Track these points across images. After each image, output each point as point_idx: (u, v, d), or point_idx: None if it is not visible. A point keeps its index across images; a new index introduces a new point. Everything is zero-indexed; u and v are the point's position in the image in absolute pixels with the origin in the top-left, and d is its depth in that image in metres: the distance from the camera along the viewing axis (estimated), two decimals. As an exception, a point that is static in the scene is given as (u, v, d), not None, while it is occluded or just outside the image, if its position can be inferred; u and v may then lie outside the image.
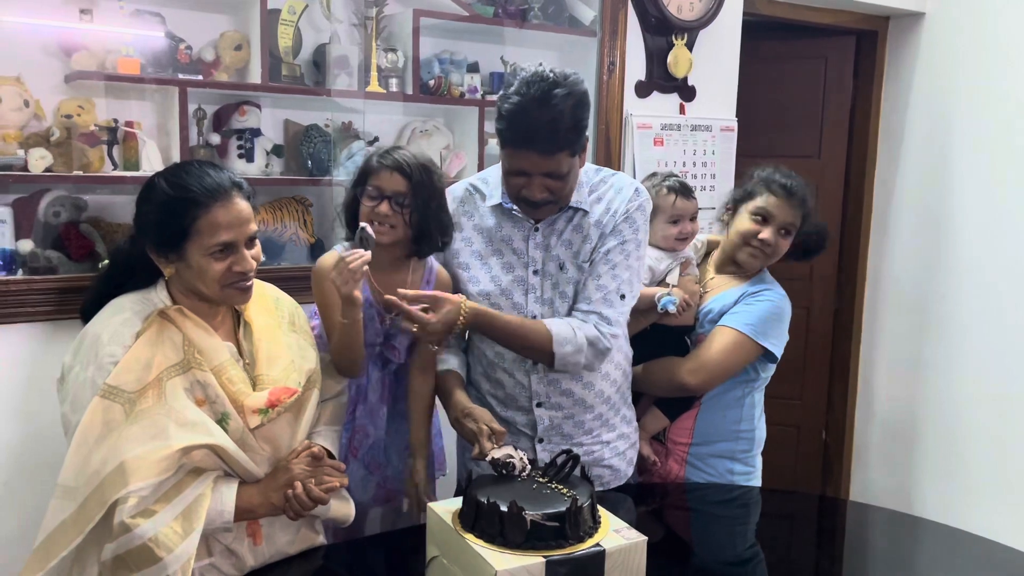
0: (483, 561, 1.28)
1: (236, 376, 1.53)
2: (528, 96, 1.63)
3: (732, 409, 2.14)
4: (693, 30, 2.94)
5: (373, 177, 1.80)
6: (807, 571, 1.76)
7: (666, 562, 1.68)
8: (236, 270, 1.52)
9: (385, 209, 1.78)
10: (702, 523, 2.03)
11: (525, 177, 1.72)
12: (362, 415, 1.92)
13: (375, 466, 1.95)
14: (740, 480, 2.16)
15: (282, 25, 2.31)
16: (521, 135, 1.67)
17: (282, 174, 2.42)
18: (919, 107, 3.53)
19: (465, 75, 2.64)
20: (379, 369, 1.93)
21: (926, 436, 3.53)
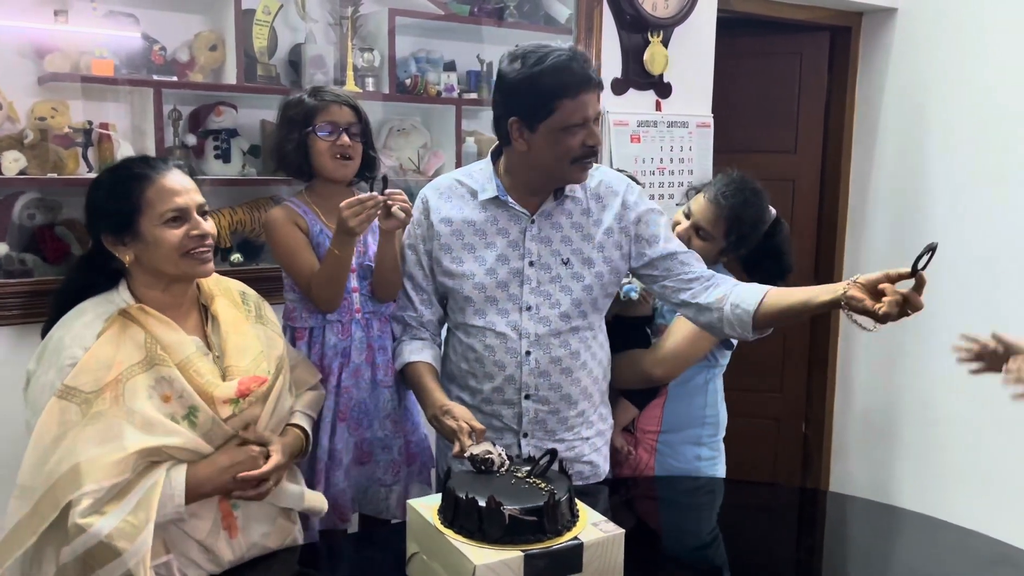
0: (462, 556, 1.29)
1: (204, 368, 1.54)
2: (559, 50, 1.71)
3: (697, 396, 2.18)
4: (668, 27, 2.97)
5: (322, 114, 1.89)
6: (788, 563, 1.78)
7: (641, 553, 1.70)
8: (194, 234, 1.54)
9: (347, 140, 1.90)
10: (673, 514, 2.05)
11: (585, 128, 1.74)
12: (347, 377, 1.95)
13: (354, 426, 1.97)
14: (706, 466, 2.19)
15: (257, 25, 2.31)
16: (580, 78, 1.70)
17: (259, 174, 2.41)
18: (893, 102, 3.58)
19: (442, 74, 2.65)
20: (362, 329, 1.96)
21: (903, 427, 3.57)
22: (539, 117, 1.72)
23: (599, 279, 1.89)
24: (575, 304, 1.87)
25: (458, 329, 1.92)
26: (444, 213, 1.89)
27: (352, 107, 1.93)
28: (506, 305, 1.85)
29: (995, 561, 1.64)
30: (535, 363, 1.86)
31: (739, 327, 1.78)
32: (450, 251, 1.87)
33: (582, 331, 1.89)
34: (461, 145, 2.65)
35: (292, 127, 1.91)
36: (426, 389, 1.82)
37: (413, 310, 1.94)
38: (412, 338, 1.94)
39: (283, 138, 1.92)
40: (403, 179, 2.57)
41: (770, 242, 2.14)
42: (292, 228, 1.92)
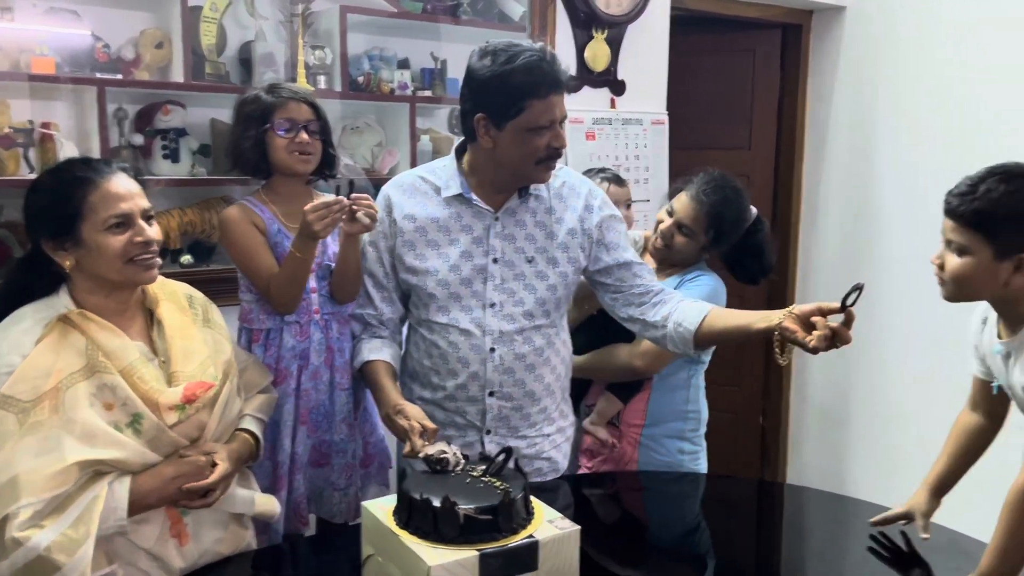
0: (416, 557, 1.28)
1: (148, 374, 1.50)
2: (531, 49, 1.71)
3: (680, 390, 2.20)
4: (621, 24, 2.98)
5: (280, 111, 1.86)
6: (747, 555, 1.80)
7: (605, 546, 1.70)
8: (137, 240, 1.50)
9: (305, 137, 1.87)
10: (653, 507, 2.07)
11: (551, 130, 1.75)
12: (306, 380, 1.93)
13: (313, 429, 1.95)
14: (688, 460, 2.21)
15: (204, 22, 2.27)
16: (550, 79, 1.71)
17: (210, 174, 2.37)
18: (843, 98, 3.64)
19: (395, 71, 2.63)
20: (321, 331, 1.93)
21: (857, 419, 3.64)
22: (507, 116, 1.72)
23: (563, 279, 1.89)
24: (539, 303, 1.87)
25: (421, 326, 1.90)
26: (407, 210, 1.87)
27: (310, 104, 1.90)
28: (470, 302, 1.84)
29: (943, 548, 1.68)
30: (500, 360, 1.85)
31: (681, 345, 1.84)
32: (413, 248, 1.86)
33: (545, 328, 1.89)
34: (416, 143, 2.63)
35: (249, 124, 1.87)
36: (382, 388, 1.80)
37: (373, 308, 1.92)
38: (371, 336, 1.92)
39: (240, 136, 1.88)
40: (363, 179, 2.55)
41: (751, 240, 2.17)
42: (249, 227, 1.88)
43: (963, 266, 1.50)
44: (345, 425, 1.98)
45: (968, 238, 1.49)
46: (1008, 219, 1.45)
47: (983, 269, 1.48)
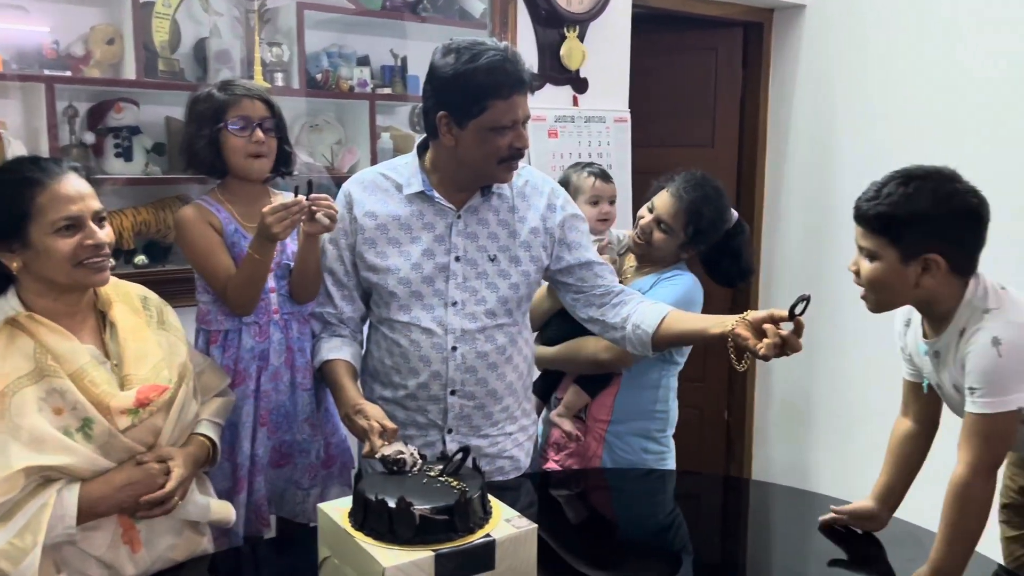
0: (371, 559, 1.26)
1: (100, 378, 1.47)
2: (495, 48, 1.70)
3: (649, 390, 2.20)
4: (583, 22, 2.98)
5: (233, 109, 1.83)
6: (713, 549, 1.81)
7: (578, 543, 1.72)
8: (87, 244, 1.46)
9: (260, 136, 1.83)
10: (619, 504, 2.08)
11: (514, 130, 1.74)
12: (266, 381, 1.90)
13: (273, 429, 1.92)
14: (653, 460, 2.21)
15: (157, 18, 2.23)
16: (514, 79, 1.70)
17: (164, 173, 2.33)
18: (804, 96, 3.67)
19: (355, 69, 2.60)
20: (280, 331, 1.91)
21: (820, 415, 3.68)
22: (470, 115, 1.71)
23: (525, 277, 1.88)
24: (501, 301, 1.86)
25: (382, 324, 1.89)
26: (368, 207, 1.85)
27: (264, 101, 1.87)
28: (431, 300, 1.83)
29: (901, 539, 1.70)
30: (461, 359, 1.84)
31: (639, 346, 1.86)
32: (374, 245, 1.84)
33: (508, 327, 1.88)
34: (376, 141, 2.61)
35: (202, 123, 1.83)
36: (341, 387, 1.78)
37: (333, 306, 1.90)
38: (331, 335, 1.90)
39: (193, 135, 1.85)
40: (323, 177, 2.53)
41: (730, 243, 2.18)
42: (205, 228, 1.85)
43: (874, 271, 1.52)
44: (308, 425, 1.96)
45: (875, 243, 1.51)
46: (909, 221, 1.47)
47: (893, 273, 1.50)
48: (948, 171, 1.52)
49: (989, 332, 1.45)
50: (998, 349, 1.43)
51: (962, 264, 1.50)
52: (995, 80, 3.01)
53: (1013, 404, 1.43)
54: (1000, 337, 1.44)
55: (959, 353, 1.51)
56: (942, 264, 1.47)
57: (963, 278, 1.51)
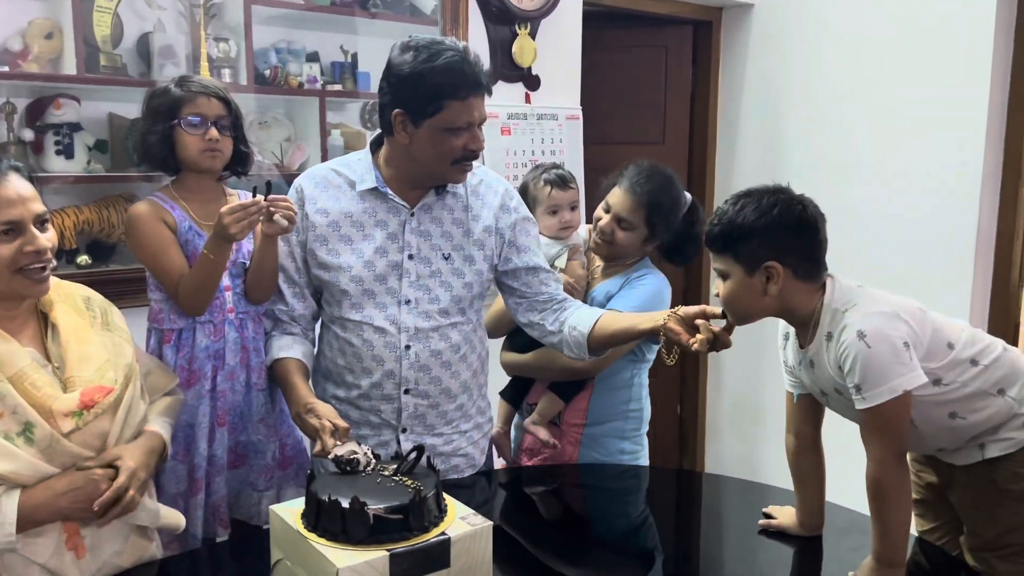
0: (325, 560, 1.25)
1: (41, 380, 1.42)
2: (453, 49, 1.70)
3: (622, 390, 2.19)
4: (534, 19, 2.98)
5: (188, 106, 1.79)
6: (667, 541, 1.83)
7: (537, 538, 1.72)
8: (28, 250, 1.41)
9: (215, 134, 1.80)
10: (575, 499, 2.09)
11: (469, 131, 1.73)
12: (222, 380, 1.87)
13: (231, 429, 1.89)
14: (628, 459, 2.22)
15: (98, 12, 2.17)
16: (471, 81, 1.70)
17: (108, 171, 2.27)
18: (753, 93, 3.73)
19: (304, 65, 2.57)
20: (236, 330, 1.88)
21: (769, 409, 3.74)
22: (425, 114, 1.70)
23: (479, 276, 1.88)
24: (455, 300, 1.85)
25: (334, 323, 1.87)
26: (320, 203, 1.83)
27: (221, 98, 1.83)
28: (384, 299, 1.81)
29: (847, 528, 1.74)
30: (415, 357, 1.83)
31: (576, 349, 1.88)
32: (326, 243, 1.82)
33: (461, 325, 1.88)
34: (326, 138, 2.58)
35: (157, 119, 1.80)
36: (292, 386, 1.76)
37: (284, 304, 1.87)
38: (282, 333, 1.88)
39: (147, 130, 1.81)
40: (272, 174, 2.49)
41: (689, 227, 2.16)
42: (158, 225, 1.81)
43: (727, 288, 1.58)
44: (263, 425, 1.93)
45: (722, 262, 1.58)
46: (740, 236, 1.54)
47: (742, 287, 1.56)
48: (776, 186, 1.59)
49: (852, 328, 1.50)
50: (864, 341, 1.48)
51: (805, 269, 1.57)
52: (937, 77, 3.10)
53: (898, 389, 1.48)
54: (863, 330, 1.49)
55: (831, 356, 1.56)
56: (781, 271, 1.54)
57: (813, 283, 1.58)
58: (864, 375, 1.49)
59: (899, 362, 1.48)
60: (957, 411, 1.62)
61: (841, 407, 1.65)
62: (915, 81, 3.15)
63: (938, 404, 1.61)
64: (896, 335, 1.49)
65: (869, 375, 1.48)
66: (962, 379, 1.61)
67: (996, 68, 2.98)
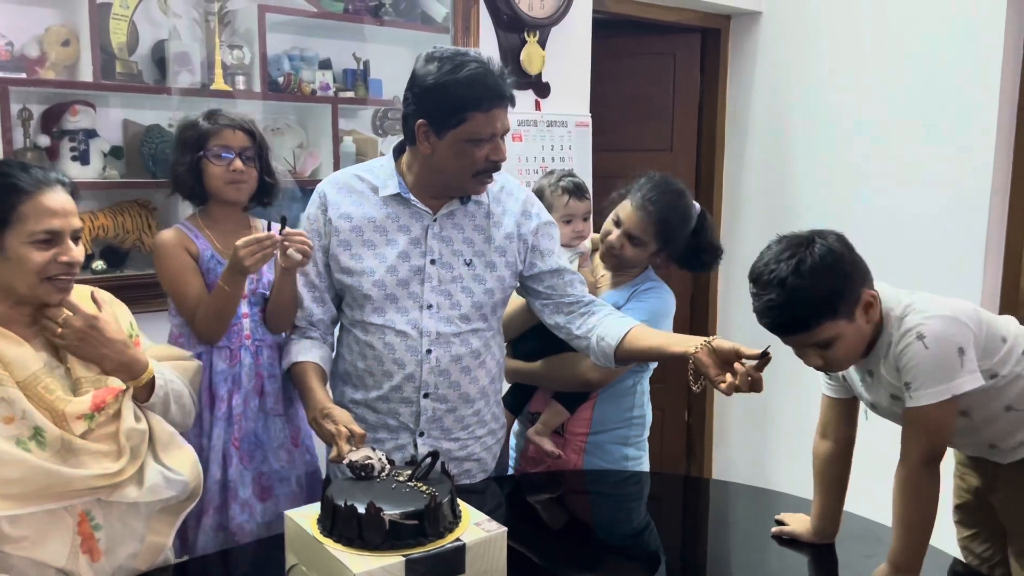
0: (341, 565, 1.26)
1: (54, 384, 1.45)
2: (477, 60, 1.71)
3: (626, 397, 2.20)
4: (545, 27, 2.99)
5: (215, 138, 1.87)
6: (675, 547, 1.84)
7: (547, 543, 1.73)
8: (62, 260, 1.45)
9: (240, 165, 1.87)
10: (584, 505, 2.10)
11: (491, 143, 1.74)
12: (238, 404, 1.90)
13: (247, 458, 1.91)
14: (632, 465, 2.22)
15: (114, 20, 2.19)
16: (494, 92, 1.71)
17: (122, 177, 2.29)
18: (761, 100, 3.74)
19: (316, 72, 2.58)
20: (251, 356, 1.91)
21: (778, 416, 3.73)
22: (448, 125, 1.71)
23: (500, 283, 1.89)
24: (476, 306, 1.86)
25: (355, 327, 1.88)
26: (343, 209, 1.85)
27: (247, 131, 1.91)
28: (406, 303, 1.82)
29: (861, 536, 1.74)
30: (436, 361, 1.84)
31: (603, 359, 1.88)
32: (349, 248, 1.83)
33: (482, 332, 1.89)
34: (339, 145, 2.59)
35: (185, 150, 1.88)
36: (309, 390, 1.77)
37: (303, 308, 1.89)
38: (301, 337, 1.89)
39: (177, 161, 1.90)
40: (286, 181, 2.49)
41: (701, 237, 2.16)
42: (180, 252, 1.88)
43: (841, 348, 1.53)
44: (284, 451, 1.95)
45: (824, 330, 1.51)
46: (826, 301, 1.49)
47: (853, 334, 1.53)
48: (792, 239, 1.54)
49: (913, 331, 1.51)
50: (923, 342, 1.50)
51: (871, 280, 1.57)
52: (946, 83, 3.10)
53: (947, 393, 1.49)
54: (922, 331, 1.50)
55: (890, 363, 1.56)
56: (876, 292, 1.54)
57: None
58: (918, 374, 1.50)
59: (954, 365, 1.49)
60: (1013, 404, 1.64)
61: (894, 416, 1.64)
62: (923, 87, 3.16)
63: (994, 398, 1.62)
64: (954, 339, 1.51)
65: (923, 375, 1.49)
66: (1017, 370, 1.62)
67: (1005, 74, 2.97)
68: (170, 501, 1.56)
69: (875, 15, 3.30)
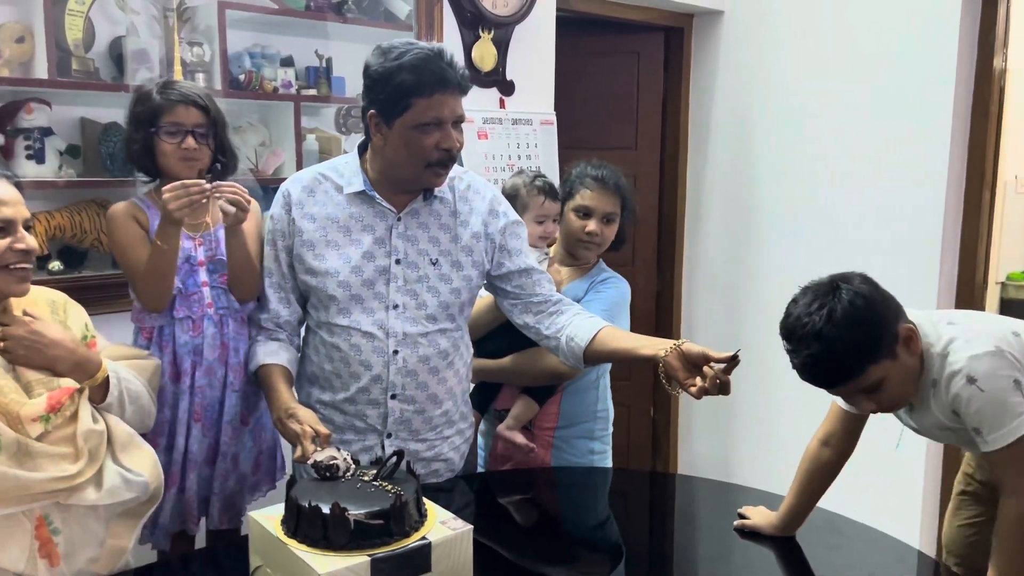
0: (306, 566, 1.25)
1: (8, 387, 1.42)
2: (423, 47, 1.70)
3: (590, 391, 2.23)
4: (508, 25, 3.00)
5: (167, 114, 1.82)
6: (642, 542, 1.85)
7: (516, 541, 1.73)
8: (17, 248, 1.45)
9: (192, 143, 1.82)
10: (553, 501, 2.12)
11: (440, 130, 1.72)
12: (200, 376, 1.87)
13: (208, 427, 1.89)
14: (598, 459, 2.25)
15: (70, 16, 2.15)
16: (438, 77, 1.69)
17: (79, 176, 2.25)
18: (723, 99, 3.77)
19: (279, 69, 2.56)
20: (215, 326, 1.88)
21: (742, 411, 3.78)
22: (395, 113, 1.71)
23: (467, 282, 1.88)
24: (443, 306, 1.85)
25: (320, 328, 1.86)
26: (307, 208, 1.83)
27: (201, 106, 1.85)
28: (372, 304, 1.81)
29: (822, 528, 1.76)
30: (403, 362, 1.83)
31: (572, 359, 1.87)
32: (313, 248, 1.81)
33: (450, 332, 1.88)
34: (301, 143, 2.57)
35: (139, 125, 1.84)
36: (275, 391, 1.76)
37: (268, 310, 1.87)
38: (268, 339, 1.87)
39: (129, 137, 1.86)
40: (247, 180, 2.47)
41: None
42: (128, 222, 1.84)
43: (891, 388, 1.53)
44: (231, 428, 1.92)
45: (870, 375, 1.50)
46: (866, 345, 1.48)
47: (900, 371, 1.53)
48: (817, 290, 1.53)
49: (961, 375, 1.51)
50: (977, 386, 1.50)
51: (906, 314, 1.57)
52: (903, 83, 3.16)
53: (1022, 429, 1.49)
54: (972, 375, 1.50)
55: (939, 401, 1.56)
56: (913, 327, 1.54)
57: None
58: (983, 419, 1.50)
59: (1015, 400, 1.49)
60: None
61: (939, 437, 1.65)
62: (881, 87, 3.21)
63: None
64: (1005, 373, 1.50)
65: (989, 419, 1.49)
66: None
67: (960, 75, 3.04)
68: (130, 503, 1.53)
69: (835, 15, 3.35)
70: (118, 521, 1.54)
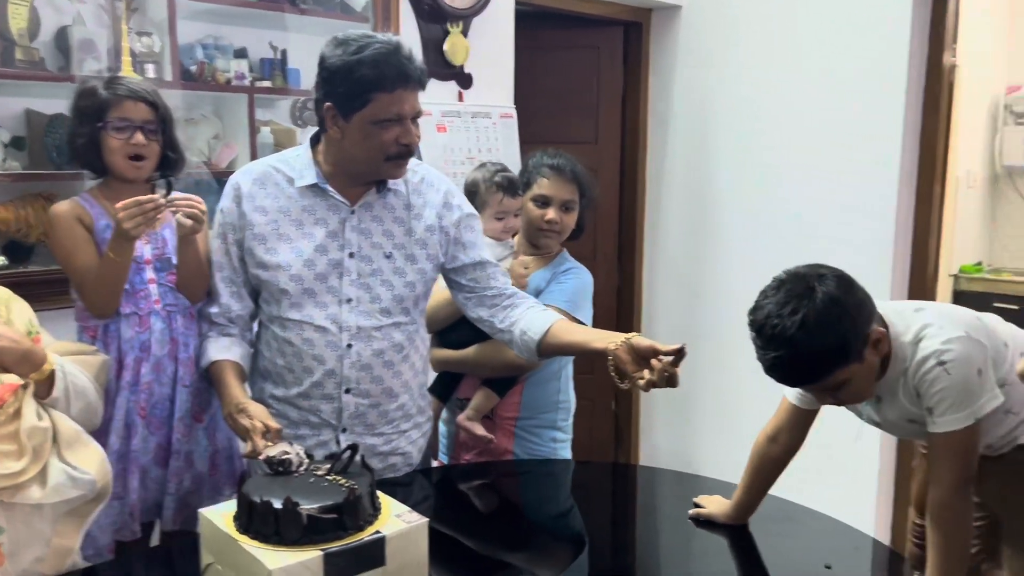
0: (257, 562, 1.23)
1: None
2: (383, 41, 1.68)
3: (552, 381, 2.24)
4: (466, 17, 2.98)
5: (114, 109, 1.78)
6: (604, 532, 1.86)
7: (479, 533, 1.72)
8: None
9: (141, 139, 1.79)
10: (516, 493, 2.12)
11: (400, 125, 1.71)
12: (147, 372, 1.83)
13: (157, 425, 1.85)
14: (561, 448, 2.27)
15: (13, 4, 2.10)
16: (399, 73, 1.67)
17: (24, 169, 2.19)
18: (681, 93, 3.80)
19: (232, 61, 2.52)
20: (163, 322, 1.84)
21: (702, 403, 3.81)
22: (354, 107, 1.69)
23: (422, 276, 1.86)
24: (397, 300, 1.83)
25: (273, 323, 1.83)
26: (258, 201, 1.80)
27: (149, 102, 1.81)
28: (325, 298, 1.79)
29: (774, 516, 1.78)
30: (357, 356, 1.80)
31: (526, 352, 1.87)
32: (264, 241, 1.78)
33: (405, 325, 1.86)
34: (256, 136, 2.54)
35: (83, 120, 1.78)
36: (226, 386, 1.73)
37: (220, 304, 1.84)
38: (219, 335, 1.84)
39: (75, 132, 1.80)
40: (201, 173, 2.43)
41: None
42: (73, 223, 1.78)
43: (853, 387, 1.54)
44: (183, 425, 1.88)
45: (835, 377, 1.51)
46: (835, 352, 1.47)
47: (864, 372, 1.54)
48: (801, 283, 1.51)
49: (932, 358, 1.53)
50: (945, 368, 1.51)
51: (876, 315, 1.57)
52: (855, 79, 3.20)
53: (971, 417, 1.51)
54: (944, 357, 1.52)
55: (908, 388, 1.58)
56: (884, 331, 1.55)
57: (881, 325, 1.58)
58: (940, 401, 1.51)
59: (975, 389, 1.51)
60: (1012, 408, 1.66)
61: (903, 432, 1.67)
62: (835, 82, 3.26)
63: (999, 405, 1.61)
64: (975, 361, 1.52)
65: (946, 401, 1.51)
66: (1013, 376, 1.64)
67: (912, 71, 3.09)
68: (76, 502, 1.50)
69: (790, 11, 3.39)
70: (64, 520, 1.50)
